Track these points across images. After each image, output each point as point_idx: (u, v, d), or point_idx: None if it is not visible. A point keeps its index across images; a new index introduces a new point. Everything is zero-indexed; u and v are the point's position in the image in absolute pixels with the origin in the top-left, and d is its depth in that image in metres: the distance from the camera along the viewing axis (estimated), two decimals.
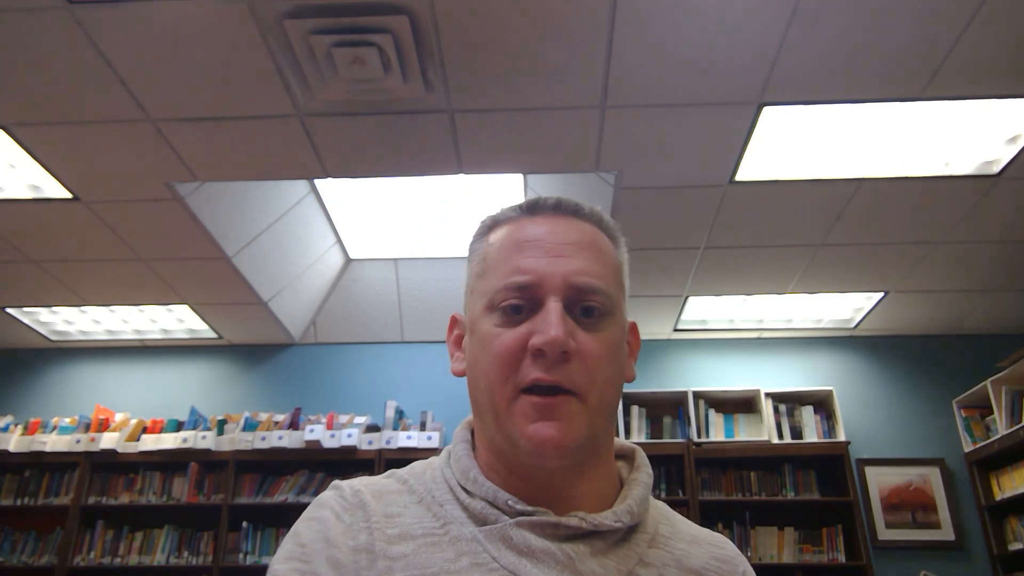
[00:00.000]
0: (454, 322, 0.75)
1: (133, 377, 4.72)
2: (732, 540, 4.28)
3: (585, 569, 0.61)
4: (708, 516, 3.99)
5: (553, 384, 0.62)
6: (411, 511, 0.66)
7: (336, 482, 0.70)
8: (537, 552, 0.61)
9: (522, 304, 0.65)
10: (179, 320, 4.51)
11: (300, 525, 0.66)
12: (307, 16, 2.27)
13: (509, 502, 0.64)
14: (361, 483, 0.68)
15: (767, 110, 2.67)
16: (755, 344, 4.64)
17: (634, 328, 0.75)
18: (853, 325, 4.46)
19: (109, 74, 2.49)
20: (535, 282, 0.65)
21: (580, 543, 0.63)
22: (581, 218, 0.71)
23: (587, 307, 0.66)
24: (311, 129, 2.79)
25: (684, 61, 2.45)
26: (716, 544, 0.72)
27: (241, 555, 3.99)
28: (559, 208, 0.71)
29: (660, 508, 0.73)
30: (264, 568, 1.14)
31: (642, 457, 0.75)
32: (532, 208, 0.72)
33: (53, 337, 4.69)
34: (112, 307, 4.33)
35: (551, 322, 0.62)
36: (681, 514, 0.76)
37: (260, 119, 2.73)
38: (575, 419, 0.63)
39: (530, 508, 0.63)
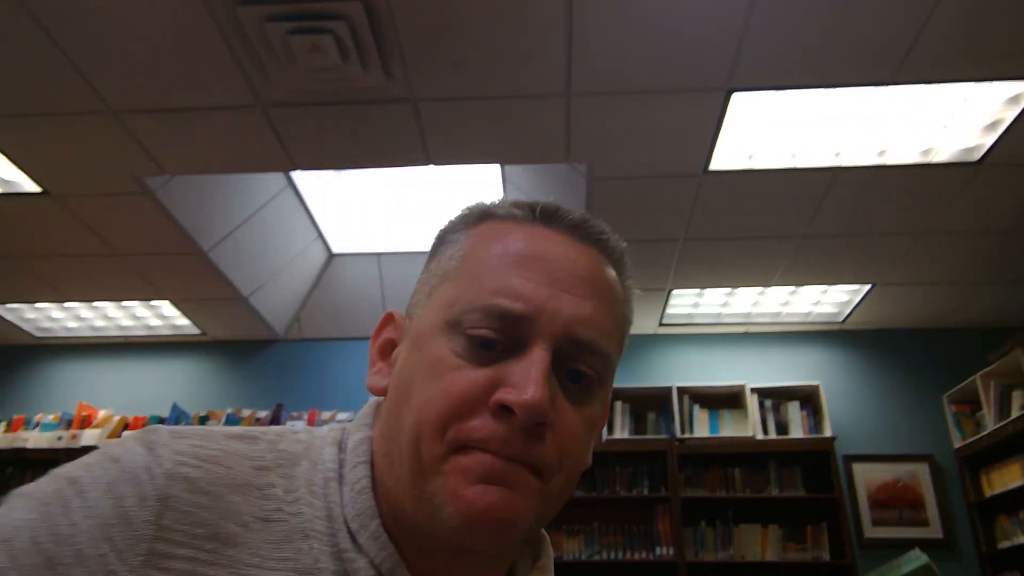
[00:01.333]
0: (387, 321, 0.57)
1: (116, 374, 4.71)
2: (715, 538, 4.13)
3: None
4: (690, 514, 3.94)
5: (511, 457, 0.47)
6: (258, 537, 0.46)
7: (150, 438, 0.47)
8: None
9: (498, 340, 0.49)
10: (162, 316, 4.50)
11: (78, 478, 0.45)
12: (260, 3, 2.24)
13: None
14: (188, 457, 0.46)
15: (736, 96, 2.61)
16: (742, 339, 4.58)
17: (607, 402, 0.57)
18: (841, 319, 4.39)
19: (66, 65, 2.47)
20: (527, 315, 0.49)
21: None
22: (603, 251, 0.55)
23: (578, 371, 0.50)
24: (274, 120, 2.76)
25: (646, 46, 2.40)
26: None
27: None
28: (581, 229, 0.54)
29: None
30: None
31: (549, 553, 0.60)
32: (547, 216, 0.54)
33: (37, 334, 4.69)
34: (94, 303, 4.32)
35: (532, 378, 0.47)
36: (662, 511, 0.64)
37: (222, 110, 2.70)
38: (529, 494, 0.47)
39: None
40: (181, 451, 0.46)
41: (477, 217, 0.56)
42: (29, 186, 3.15)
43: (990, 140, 2.83)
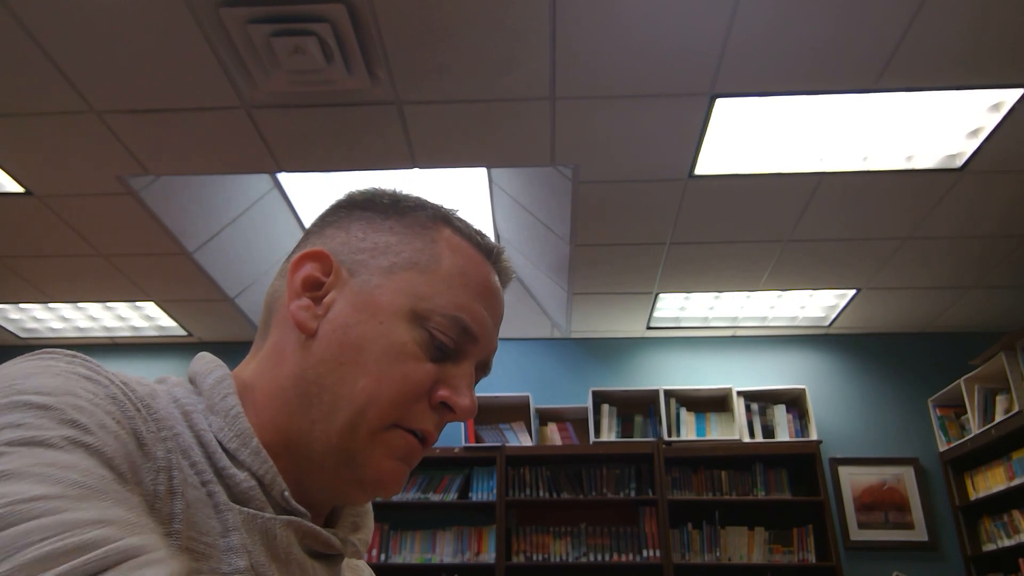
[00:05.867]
0: (317, 258, 0.58)
1: None
2: (701, 540, 4.18)
3: None
4: (677, 516, 3.94)
5: (429, 438, 0.58)
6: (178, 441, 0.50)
7: (73, 353, 0.47)
8: (292, 561, 0.52)
9: (450, 349, 0.57)
10: (148, 318, 4.47)
11: (71, 387, 0.42)
12: (242, 4, 2.23)
13: (285, 494, 0.53)
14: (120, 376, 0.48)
15: (720, 102, 2.62)
16: (729, 342, 4.59)
17: None
18: (827, 323, 4.41)
19: (49, 66, 2.45)
20: (477, 339, 0.59)
21: (321, 562, 0.57)
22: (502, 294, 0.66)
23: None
24: (258, 122, 2.75)
25: (630, 52, 2.40)
26: (358, 572, 0.69)
27: None
28: (506, 278, 0.65)
29: None
30: None
31: None
32: (492, 257, 0.64)
33: (22, 334, 4.66)
34: (79, 304, 4.30)
35: (469, 387, 0.58)
36: (649, 514, 0.71)
37: (205, 111, 2.69)
38: (413, 466, 0.59)
39: (302, 509, 0.54)
40: (111, 372, 0.48)
41: (441, 218, 0.62)
42: (12, 186, 3.13)
43: (972, 147, 2.84)
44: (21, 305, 4.30)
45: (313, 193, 3.88)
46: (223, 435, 0.52)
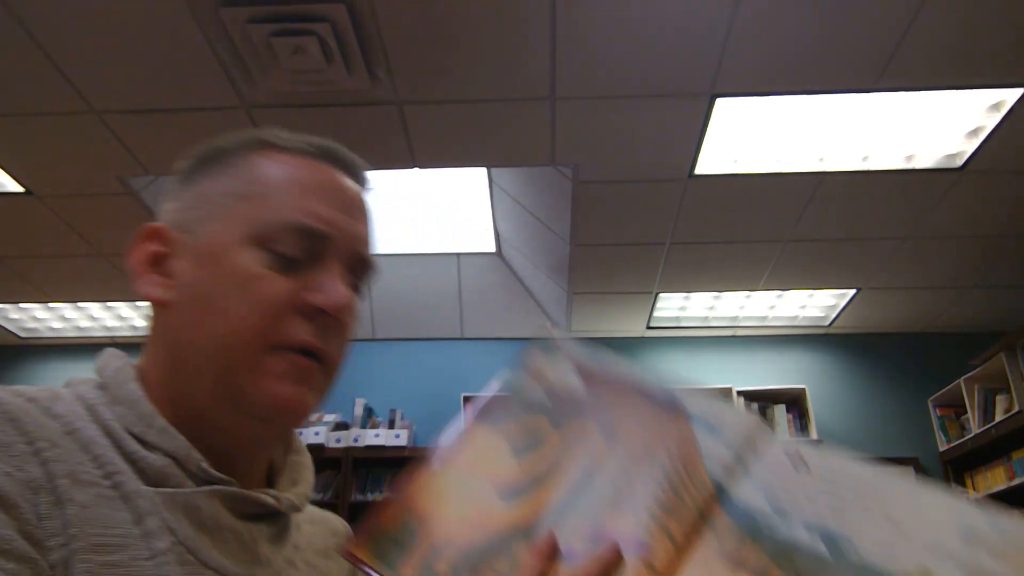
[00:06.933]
0: (152, 234, 0.59)
1: None
2: None
3: (263, 554, 0.56)
4: None
5: (316, 350, 0.56)
6: (67, 445, 0.49)
7: None
8: (222, 529, 0.53)
9: (299, 259, 0.56)
10: (148, 317, 4.46)
11: None
12: (242, 4, 2.23)
13: (202, 464, 0.53)
14: None
15: (720, 102, 2.62)
16: (729, 342, 4.59)
17: None
18: (827, 323, 4.41)
19: (48, 65, 2.45)
20: (327, 234, 0.57)
21: (261, 524, 0.57)
22: (360, 182, 0.64)
23: (356, 285, 0.61)
24: (259, 122, 2.75)
25: (630, 52, 2.40)
26: (326, 516, 0.70)
27: None
28: (353, 169, 0.63)
29: None
30: None
31: (299, 439, 0.68)
32: (325, 155, 0.61)
33: (22, 334, 4.66)
34: (79, 304, 4.30)
35: (338, 282, 0.56)
36: None
37: (206, 111, 2.69)
38: (318, 392, 0.57)
39: (224, 476, 0.54)
40: None
41: (257, 144, 0.60)
42: (12, 186, 3.13)
43: (972, 147, 2.85)
44: (21, 305, 4.30)
45: None
46: (128, 421, 0.53)
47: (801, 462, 0.50)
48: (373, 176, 0.66)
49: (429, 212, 3.94)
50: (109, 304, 4.30)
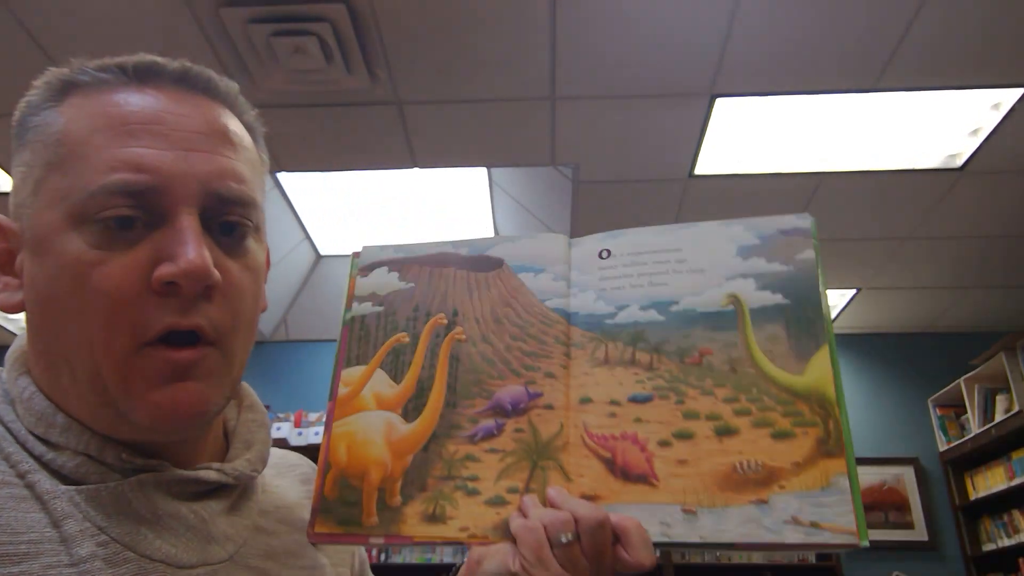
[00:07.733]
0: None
1: None
2: None
3: (218, 532, 0.50)
4: None
5: (191, 330, 0.46)
6: None
7: None
8: (163, 516, 0.47)
9: (134, 216, 0.46)
10: None
11: None
12: (242, 4, 2.23)
13: (124, 455, 0.47)
14: None
15: (720, 102, 2.62)
16: None
17: (266, 245, 0.57)
18: None
19: (47, 65, 2.45)
20: (157, 185, 0.46)
21: (211, 500, 0.51)
22: (215, 98, 0.52)
23: (229, 223, 0.49)
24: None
25: (630, 52, 2.40)
26: (292, 464, 0.65)
27: None
28: (185, 80, 0.50)
29: None
30: None
31: (252, 394, 0.61)
32: (142, 73, 0.49)
33: (20, 333, 4.66)
34: None
35: (187, 242, 0.45)
36: None
37: None
38: (216, 377, 0.48)
39: (152, 461, 0.48)
40: None
41: (60, 90, 0.50)
42: (8, 186, 3.13)
43: (972, 147, 2.85)
44: None
45: (313, 193, 3.88)
46: (28, 421, 0.48)
47: (606, 252, 0.59)
48: (374, 177, 0.60)
49: (429, 212, 3.94)
50: None
